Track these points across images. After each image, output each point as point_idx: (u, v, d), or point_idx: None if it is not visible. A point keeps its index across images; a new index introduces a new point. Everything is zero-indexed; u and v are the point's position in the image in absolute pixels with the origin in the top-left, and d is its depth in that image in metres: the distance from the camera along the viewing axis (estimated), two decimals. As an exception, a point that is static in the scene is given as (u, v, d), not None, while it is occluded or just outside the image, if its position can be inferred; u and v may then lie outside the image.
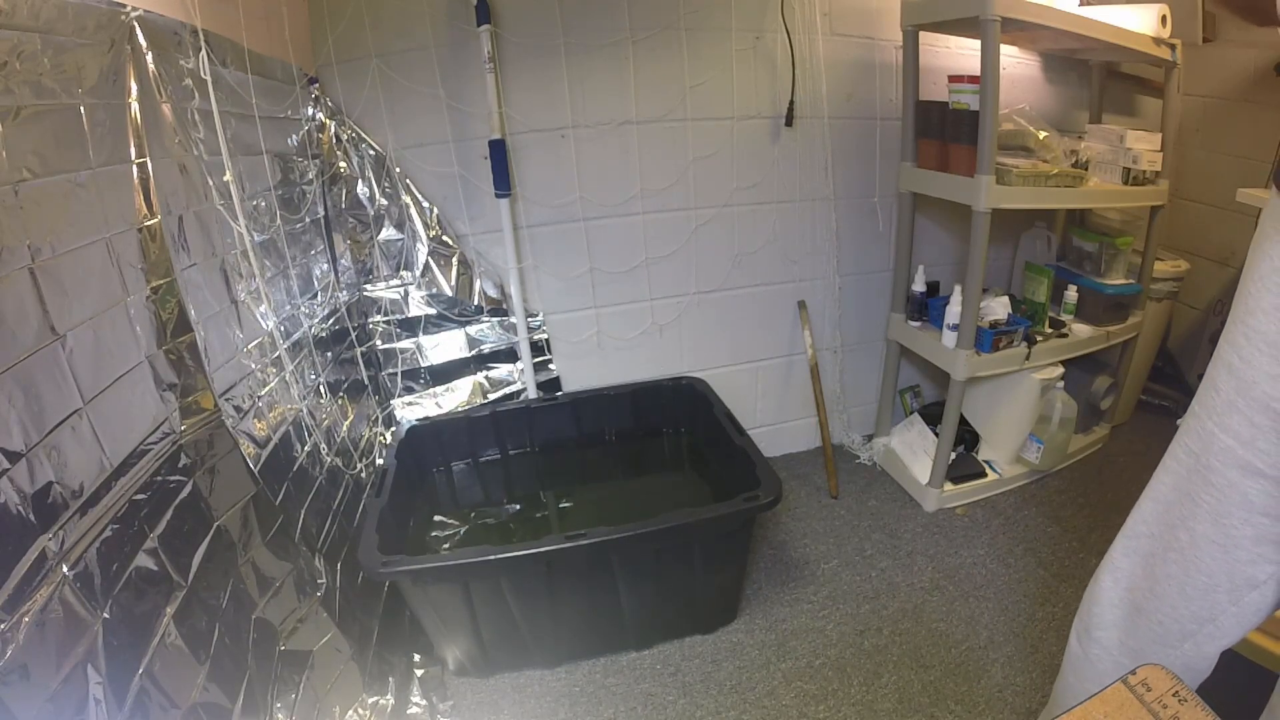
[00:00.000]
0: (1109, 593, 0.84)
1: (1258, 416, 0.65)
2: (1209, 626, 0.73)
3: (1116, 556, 0.83)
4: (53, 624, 0.60)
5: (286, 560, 1.03)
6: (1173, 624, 0.75)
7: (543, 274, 1.68)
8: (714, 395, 1.65)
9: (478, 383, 1.72)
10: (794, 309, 1.88)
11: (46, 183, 0.69)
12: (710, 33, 1.61)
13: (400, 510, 1.32)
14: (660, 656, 1.34)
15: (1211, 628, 0.73)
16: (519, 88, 1.53)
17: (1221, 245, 1.90)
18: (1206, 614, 0.73)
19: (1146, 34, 1.53)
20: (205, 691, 0.77)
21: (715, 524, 1.20)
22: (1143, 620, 0.79)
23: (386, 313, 1.63)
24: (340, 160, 1.50)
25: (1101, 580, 0.85)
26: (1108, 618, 0.84)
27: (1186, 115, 1.76)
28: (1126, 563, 0.82)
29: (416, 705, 1.19)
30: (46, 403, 0.65)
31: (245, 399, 1.04)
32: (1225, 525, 0.69)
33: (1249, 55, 1.71)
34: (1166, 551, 0.76)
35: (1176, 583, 0.74)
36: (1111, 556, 0.84)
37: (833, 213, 1.81)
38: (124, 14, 0.83)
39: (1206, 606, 0.72)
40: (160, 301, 0.86)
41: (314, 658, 1.02)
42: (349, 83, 1.47)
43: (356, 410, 1.50)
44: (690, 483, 1.56)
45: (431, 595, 1.16)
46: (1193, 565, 0.72)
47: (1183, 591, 0.74)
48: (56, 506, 0.65)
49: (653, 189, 1.67)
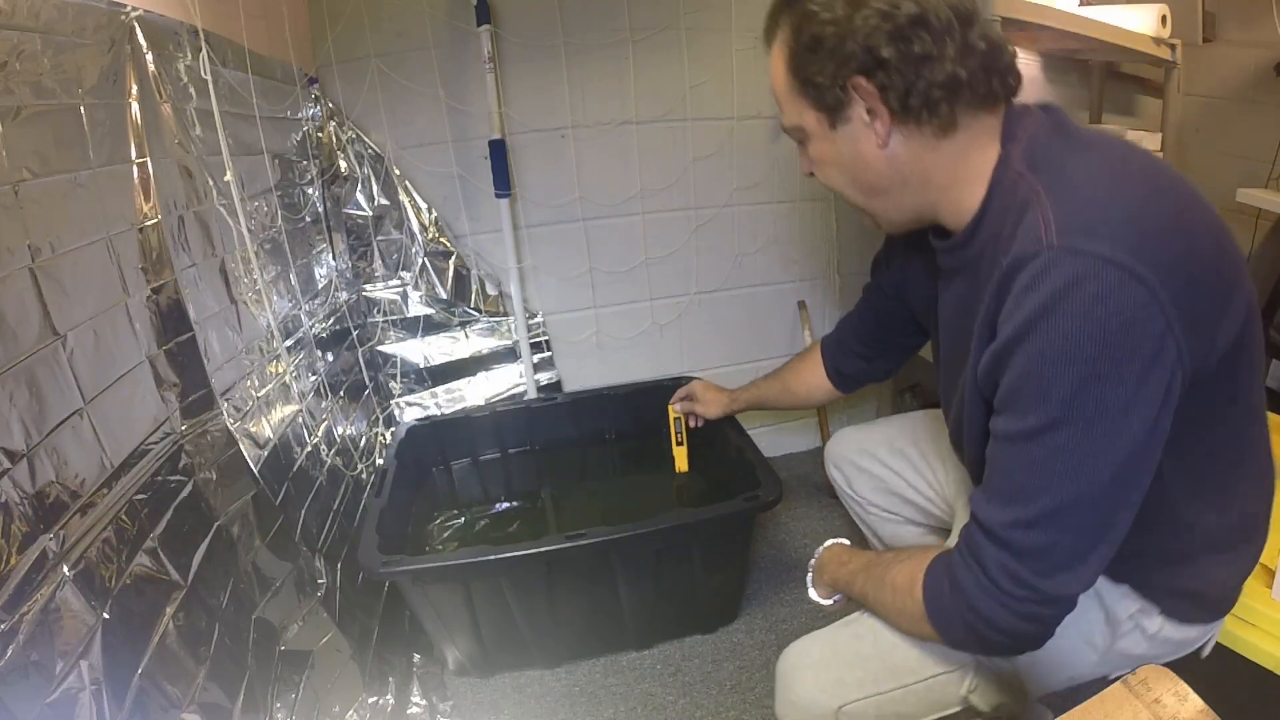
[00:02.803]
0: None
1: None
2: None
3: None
4: (53, 624, 0.60)
5: (286, 560, 1.03)
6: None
7: (542, 274, 1.68)
8: (714, 395, 1.64)
9: (478, 383, 1.72)
10: (794, 309, 1.88)
11: (46, 183, 0.69)
12: (710, 33, 1.60)
13: (400, 510, 1.32)
14: (660, 656, 1.34)
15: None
16: (519, 88, 1.53)
17: (1221, 245, 1.90)
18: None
19: (1146, 34, 1.53)
20: (205, 691, 0.77)
21: (715, 524, 1.20)
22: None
23: (386, 313, 1.63)
24: (340, 160, 1.50)
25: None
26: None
27: (1186, 115, 1.76)
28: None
29: (416, 705, 1.19)
30: (47, 402, 0.65)
31: (246, 399, 1.04)
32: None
33: (1249, 55, 1.71)
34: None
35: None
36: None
37: (832, 213, 1.81)
38: (124, 14, 0.83)
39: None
40: (160, 301, 0.86)
41: (314, 658, 1.02)
42: (349, 83, 1.47)
43: (357, 410, 1.50)
44: (690, 483, 1.55)
45: (431, 595, 1.16)
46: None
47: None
48: (57, 506, 0.65)
49: (652, 189, 1.67)
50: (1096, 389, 0.53)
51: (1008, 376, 0.57)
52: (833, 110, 0.66)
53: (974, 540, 0.62)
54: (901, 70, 0.61)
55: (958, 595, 0.63)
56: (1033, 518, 0.57)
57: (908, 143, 0.65)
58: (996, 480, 0.61)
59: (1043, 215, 0.55)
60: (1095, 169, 0.59)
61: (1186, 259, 0.54)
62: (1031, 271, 0.54)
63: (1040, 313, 0.53)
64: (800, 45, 0.66)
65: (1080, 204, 0.55)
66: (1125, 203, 0.55)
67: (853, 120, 0.66)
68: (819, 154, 0.71)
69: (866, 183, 0.70)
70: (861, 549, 0.88)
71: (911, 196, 0.69)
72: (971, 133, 0.64)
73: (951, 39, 0.60)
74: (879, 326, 1.06)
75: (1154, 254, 0.52)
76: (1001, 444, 0.60)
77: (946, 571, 0.66)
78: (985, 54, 0.61)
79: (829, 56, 0.63)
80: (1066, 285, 0.52)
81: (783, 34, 0.69)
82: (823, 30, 0.63)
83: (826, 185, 0.74)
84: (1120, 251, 0.51)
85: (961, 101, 0.62)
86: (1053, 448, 0.55)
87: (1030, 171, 0.60)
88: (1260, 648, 0.85)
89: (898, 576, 0.72)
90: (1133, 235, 0.52)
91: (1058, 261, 0.53)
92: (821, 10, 0.63)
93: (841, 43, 0.62)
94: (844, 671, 0.76)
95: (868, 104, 0.64)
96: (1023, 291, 0.55)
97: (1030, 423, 0.56)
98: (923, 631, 0.69)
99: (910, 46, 0.60)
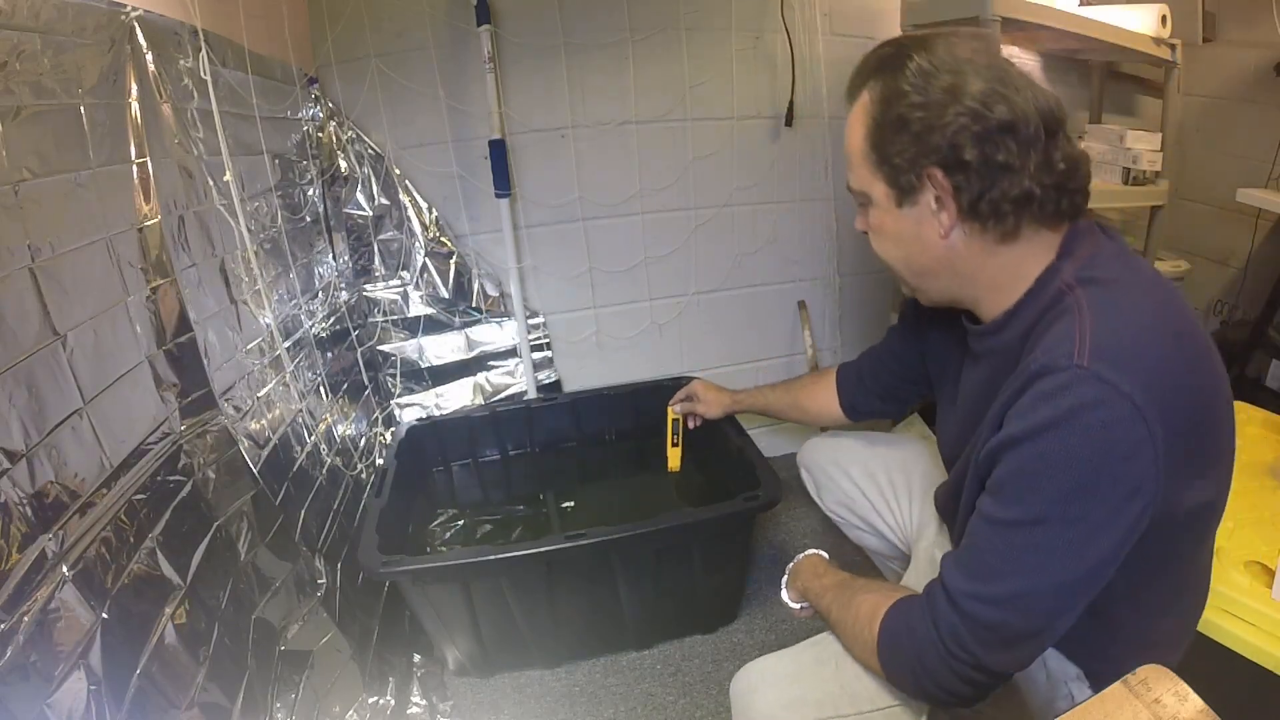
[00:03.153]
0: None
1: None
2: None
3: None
4: (52, 624, 0.60)
5: (286, 560, 1.03)
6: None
7: (542, 274, 1.68)
8: (714, 395, 1.64)
9: (478, 383, 1.72)
10: (794, 309, 1.88)
11: (46, 183, 0.69)
12: (710, 33, 1.60)
13: (400, 510, 1.32)
14: (660, 656, 1.34)
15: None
16: (519, 88, 1.53)
17: (1221, 245, 1.90)
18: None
19: (1146, 34, 1.53)
20: (205, 691, 0.77)
21: (715, 524, 1.20)
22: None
23: (386, 313, 1.63)
24: (340, 160, 1.50)
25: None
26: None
27: (1186, 115, 1.76)
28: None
29: (416, 705, 1.19)
30: (47, 402, 0.65)
31: (245, 399, 1.04)
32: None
33: (1249, 55, 1.71)
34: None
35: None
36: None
37: (832, 213, 1.81)
38: (124, 14, 0.83)
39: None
40: (160, 301, 0.86)
41: (314, 658, 1.02)
42: (349, 83, 1.47)
43: (357, 410, 1.50)
44: (690, 482, 1.55)
45: (431, 595, 1.16)
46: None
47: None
48: (56, 506, 0.65)
49: (652, 189, 1.67)
50: (1082, 502, 0.56)
51: (1006, 466, 0.61)
52: (903, 191, 0.67)
53: (935, 598, 0.66)
54: (980, 175, 0.61)
55: (910, 641, 0.67)
56: (991, 595, 0.61)
57: (968, 240, 0.66)
58: (970, 554, 0.64)
59: (1080, 330, 0.58)
60: (1141, 305, 0.61)
61: (1190, 417, 0.58)
62: (1056, 382, 0.57)
63: (1053, 422, 0.56)
64: (885, 120, 0.65)
65: (1118, 335, 0.58)
66: (1157, 349, 0.58)
67: (920, 205, 0.66)
68: (879, 224, 0.72)
69: (919, 264, 0.71)
70: (836, 566, 0.90)
71: (958, 286, 0.71)
72: (1031, 245, 0.65)
73: (1035, 151, 0.61)
74: (896, 377, 1.06)
75: (1165, 404, 0.55)
76: (983, 523, 0.63)
77: (905, 616, 0.69)
78: (1063, 173, 0.62)
79: (912, 141, 0.63)
80: (1083, 406, 0.55)
81: (869, 98, 0.68)
82: (911, 114, 0.63)
83: (877, 253, 0.75)
84: (1139, 392, 0.55)
85: (1029, 216, 0.63)
86: (1028, 541, 0.59)
87: (1079, 285, 0.62)
88: (1260, 648, 0.85)
89: (862, 605, 0.75)
90: (1155, 382, 0.56)
91: (1082, 381, 0.55)
92: (914, 92, 0.63)
93: (928, 132, 0.62)
94: (806, 691, 0.77)
95: (938, 194, 0.64)
96: (1041, 397, 0.58)
97: (1014, 513, 0.60)
98: (871, 663, 0.73)
99: (994, 153, 0.60)
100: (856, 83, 0.71)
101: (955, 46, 0.64)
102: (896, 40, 0.69)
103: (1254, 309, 1.73)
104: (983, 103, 0.60)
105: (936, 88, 0.62)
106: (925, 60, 0.63)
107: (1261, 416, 1.27)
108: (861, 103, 0.69)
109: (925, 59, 0.63)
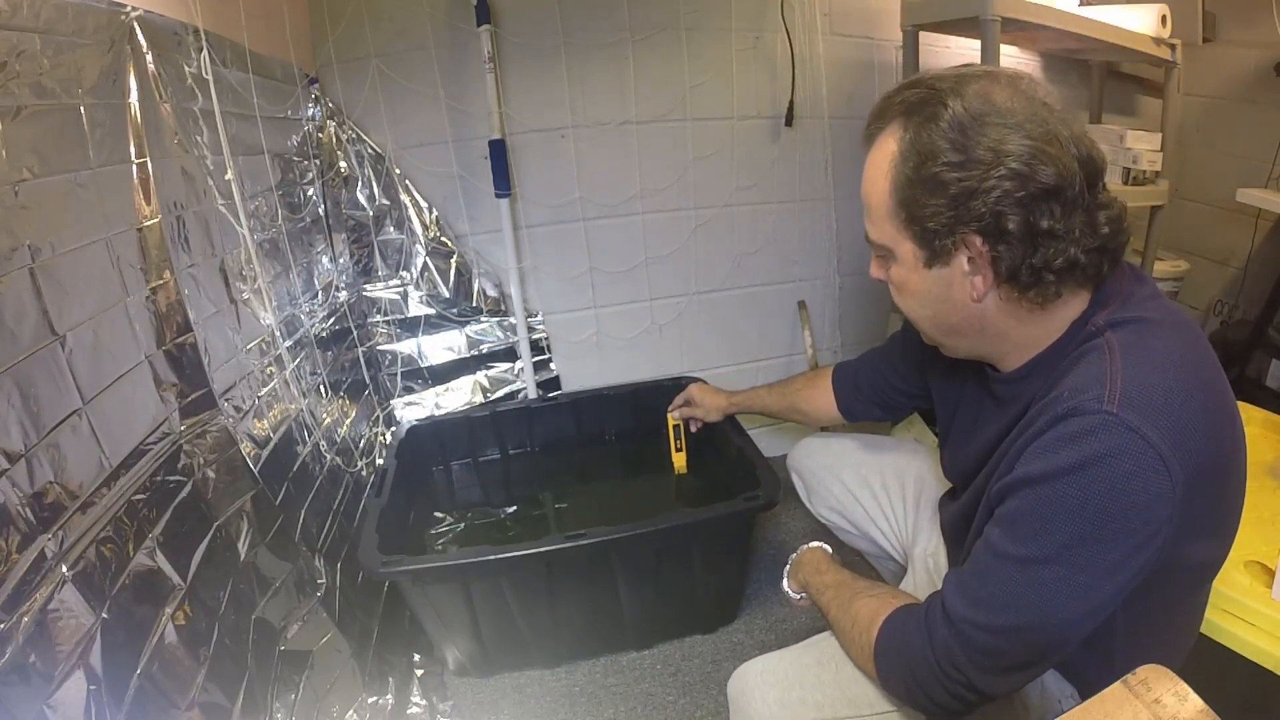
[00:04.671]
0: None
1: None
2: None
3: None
4: (52, 624, 0.60)
5: (286, 560, 1.03)
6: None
7: (542, 274, 1.68)
8: (714, 395, 1.64)
9: (478, 383, 1.72)
10: (794, 309, 1.88)
11: (46, 183, 0.69)
12: (710, 33, 1.60)
13: (400, 510, 1.32)
14: (660, 656, 1.34)
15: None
16: (519, 88, 1.53)
17: (1221, 245, 1.90)
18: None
19: (1146, 34, 1.53)
20: (204, 691, 0.77)
21: (715, 524, 1.20)
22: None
23: (386, 313, 1.63)
24: (340, 160, 1.50)
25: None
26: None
27: (1186, 115, 1.76)
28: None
29: (416, 705, 1.19)
30: (46, 403, 0.65)
31: (245, 399, 1.04)
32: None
33: (1249, 55, 1.71)
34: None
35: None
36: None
37: (832, 213, 1.81)
38: (124, 14, 0.83)
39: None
40: (160, 301, 0.86)
41: (314, 658, 1.02)
42: (349, 83, 1.47)
43: (357, 410, 1.50)
44: (690, 483, 1.55)
45: (431, 595, 1.16)
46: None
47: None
48: (56, 506, 0.65)
49: (652, 189, 1.67)
50: (1093, 548, 0.55)
51: (1021, 503, 0.59)
52: (935, 253, 0.62)
53: (934, 616, 0.65)
54: (1022, 243, 0.58)
55: (905, 653, 0.67)
56: (990, 625, 0.60)
57: (1001, 305, 0.63)
58: (973, 581, 0.63)
59: (1110, 373, 0.56)
60: (1171, 351, 0.58)
61: (1212, 471, 0.57)
62: (1083, 425, 0.55)
63: (1076, 466, 0.54)
64: (918, 178, 0.60)
65: (1149, 382, 0.55)
66: (1186, 399, 0.55)
67: (952, 267, 0.62)
68: (903, 281, 0.67)
69: (948, 324, 0.68)
70: (839, 564, 0.89)
71: (986, 344, 0.68)
72: (1068, 306, 0.63)
73: (1080, 212, 0.58)
74: (896, 391, 1.04)
75: (1190, 458, 0.54)
76: (990, 554, 0.61)
77: (903, 627, 0.68)
78: (1106, 236, 0.60)
79: (949, 205, 0.58)
80: (1109, 454, 0.53)
81: (897, 150, 0.62)
82: (948, 175, 0.58)
83: (899, 306, 0.71)
84: (1166, 444, 0.53)
85: (1070, 282, 0.60)
86: (1033, 578, 0.58)
87: (1110, 329, 0.60)
88: (1260, 648, 0.85)
89: (862, 609, 0.74)
90: (1182, 434, 0.54)
91: (1109, 428, 0.54)
92: (951, 149, 0.57)
93: (967, 196, 0.57)
94: (805, 692, 0.77)
95: (973, 256, 0.60)
96: (1065, 440, 0.56)
97: (1023, 550, 0.58)
98: (866, 668, 0.72)
99: (1038, 220, 0.57)
100: (878, 124, 0.64)
101: (992, 93, 0.58)
102: (925, 81, 0.62)
103: (1254, 309, 1.73)
104: (1027, 164, 0.56)
105: (977, 146, 0.56)
106: (960, 109, 0.57)
107: (1262, 416, 1.27)
108: (885, 150, 0.63)
109: (960, 107, 0.57)
